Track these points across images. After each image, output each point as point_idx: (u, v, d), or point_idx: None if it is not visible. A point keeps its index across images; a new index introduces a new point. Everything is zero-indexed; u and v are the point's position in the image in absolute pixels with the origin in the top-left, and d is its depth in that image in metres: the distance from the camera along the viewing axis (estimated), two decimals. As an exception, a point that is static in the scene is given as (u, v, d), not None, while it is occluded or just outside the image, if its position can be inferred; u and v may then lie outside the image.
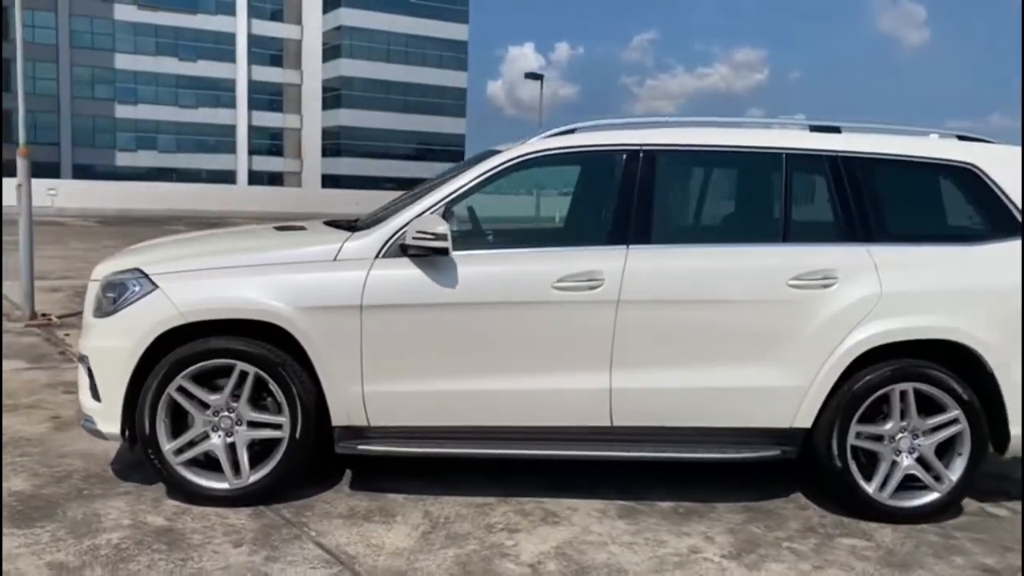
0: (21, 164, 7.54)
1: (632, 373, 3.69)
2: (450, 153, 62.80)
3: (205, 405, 3.62)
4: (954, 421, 3.76)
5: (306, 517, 3.58)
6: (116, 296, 3.65)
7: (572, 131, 3.95)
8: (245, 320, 3.59)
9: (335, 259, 3.65)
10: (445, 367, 3.66)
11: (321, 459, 3.90)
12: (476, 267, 3.67)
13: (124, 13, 62.62)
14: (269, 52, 67.45)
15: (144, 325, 3.56)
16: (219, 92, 66.26)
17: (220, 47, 65.65)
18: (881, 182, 3.91)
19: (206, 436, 3.65)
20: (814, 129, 4.02)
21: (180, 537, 3.33)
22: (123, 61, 62.86)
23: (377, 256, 3.65)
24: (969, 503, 4.05)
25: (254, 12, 66.13)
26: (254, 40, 66.50)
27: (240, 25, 65.85)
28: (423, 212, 3.68)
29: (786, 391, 3.71)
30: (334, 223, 4.28)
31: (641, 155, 3.83)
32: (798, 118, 4.37)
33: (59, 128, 60.75)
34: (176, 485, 3.64)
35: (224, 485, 3.64)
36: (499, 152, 3.90)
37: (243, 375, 3.60)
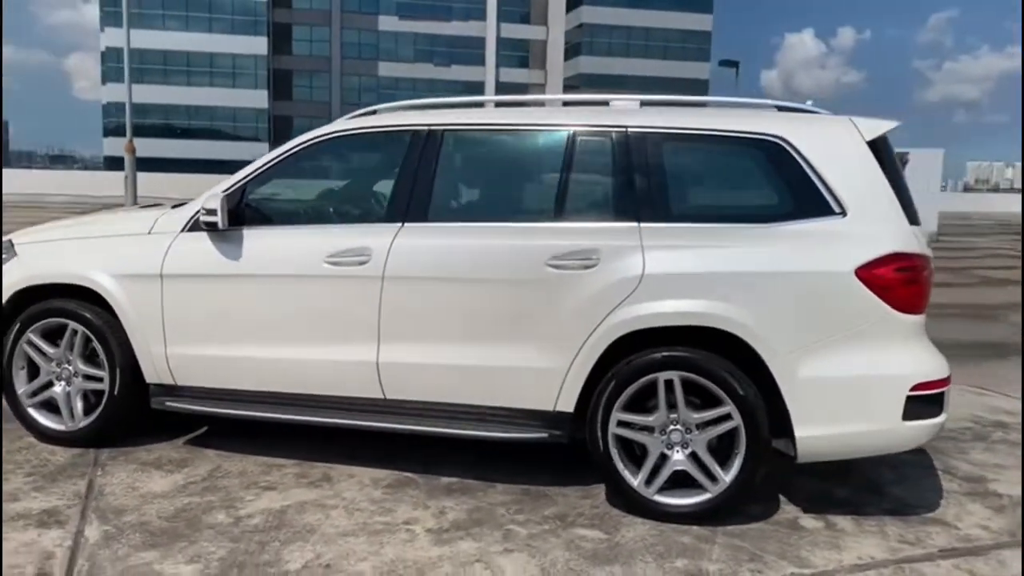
0: (128, 159, 8.78)
1: (398, 348, 3.77)
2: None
3: (49, 358, 4.20)
4: (727, 417, 3.45)
5: (113, 461, 4.05)
6: (-5, 261, 4.33)
7: (374, 112, 4.08)
8: (78, 285, 4.12)
9: (148, 233, 4.08)
10: (232, 334, 3.96)
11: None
12: (260, 241, 3.93)
13: (387, 24, 67.93)
14: (516, 54, 70.02)
15: (4, 285, 4.21)
16: (471, 95, 69.84)
17: (471, 51, 69.16)
18: (670, 158, 3.65)
19: (51, 384, 4.23)
20: (644, 105, 3.83)
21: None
22: (385, 68, 68.23)
23: (182, 230, 4.02)
24: (788, 509, 3.69)
25: (504, 16, 69.04)
26: (503, 43, 69.42)
27: (490, 29, 69.02)
28: (222, 190, 3.99)
29: (546, 373, 3.61)
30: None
31: (426, 135, 3.88)
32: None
33: (330, 131, 66.87)
34: (27, 424, 4.26)
35: (62, 427, 4.21)
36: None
37: (74, 333, 4.14)
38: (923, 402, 3.40)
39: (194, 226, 4.00)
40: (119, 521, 3.38)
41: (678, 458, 3.54)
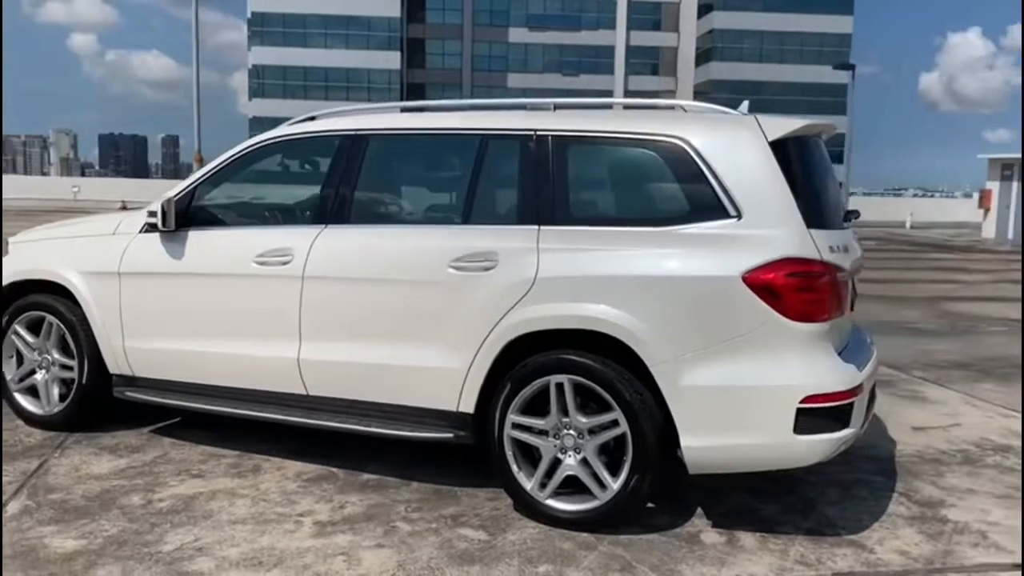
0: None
1: (316, 345, 3.90)
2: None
3: (32, 347, 4.59)
4: (615, 423, 3.39)
5: (77, 444, 4.38)
6: (-2, 258, 4.77)
7: (312, 118, 4.24)
8: (52, 281, 4.49)
9: (113, 233, 4.39)
10: (178, 329, 4.21)
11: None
12: (201, 242, 4.16)
13: (517, 36, 68.85)
14: (646, 62, 69.46)
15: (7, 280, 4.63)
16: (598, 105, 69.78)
17: (600, 60, 69.19)
18: (573, 161, 3.61)
19: (33, 371, 4.62)
20: (557, 108, 3.83)
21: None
22: (514, 80, 69.14)
23: (139, 232, 4.31)
24: (697, 523, 3.58)
25: (634, 24, 68.61)
26: (632, 51, 69.03)
27: (619, 38, 68.82)
28: (172, 195, 4.25)
29: (449, 374, 3.64)
30: None
31: (351, 140, 4.00)
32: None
33: (460, 142, 68.22)
34: (14, 407, 4.66)
35: (40, 411, 4.59)
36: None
37: (50, 325, 4.50)
38: (818, 415, 3.22)
39: (150, 228, 4.27)
40: (43, 498, 3.66)
41: (570, 463, 3.50)
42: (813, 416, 3.21)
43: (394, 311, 3.74)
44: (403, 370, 3.73)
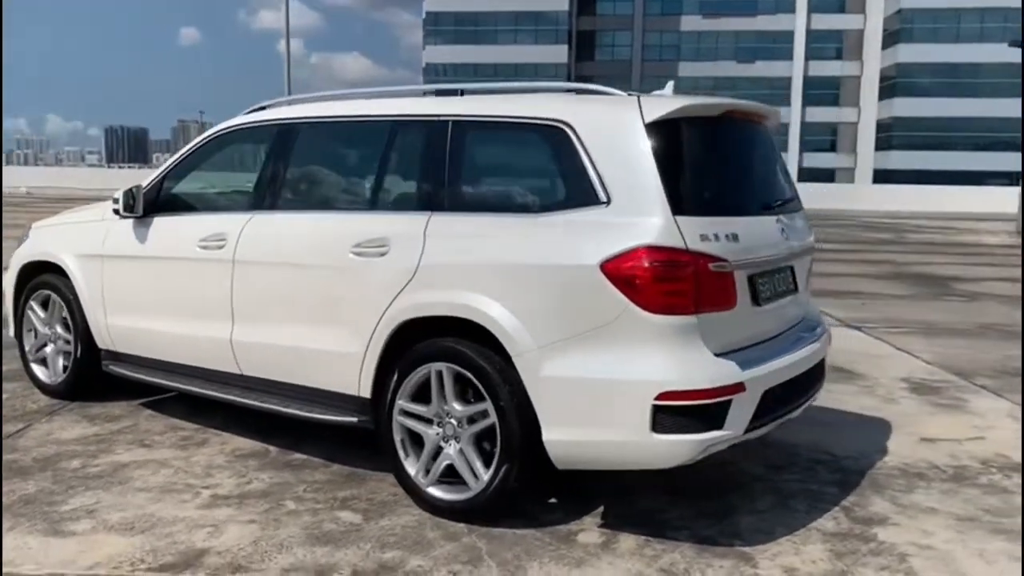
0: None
1: (245, 327, 4.07)
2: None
3: (44, 322, 5.06)
4: (486, 413, 3.32)
5: (68, 411, 4.79)
6: (21, 241, 5.30)
7: (263, 108, 4.40)
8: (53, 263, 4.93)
9: (102, 219, 4.76)
10: (143, 308, 4.51)
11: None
12: (162, 227, 4.44)
13: (690, 24, 67.33)
14: (828, 45, 65.93)
15: (16, 262, 5.15)
16: (774, 91, 67.04)
17: (777, 46, 66.43)
18: (465, 147, 3.55)
19: (45, 344, 5.09)
20: (439, 93, 3.81)
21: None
22: (686, 69, 67.66)
23: (120, 218, 4.65)
24: (587, 521, 3.45)
25: (815, 7, 65.24)
26: (813, 35, 65.73)
27: (799, 21, 65.71)
28: (143, 184, 4.55)
29: (350, 358, 3.69)
30: None
31: (285, 129, 4.14)
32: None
33: (629, 134, 67.49)
34: (30, 376, 5.15)
35: (48, 381, 5.05)
36: None
37: (54, 302, 4.95)
38: (678, 414, 3.01)
39: (127, 214, 4.59)
40: (5, 458, 4.04)
41: (450, 451, 3.46)
42: (673, 414, 3.01)
43: (306, 295, 3.84)
44: (315, 353, 3.82)
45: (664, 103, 3.23)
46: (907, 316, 8.72)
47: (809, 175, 62.81)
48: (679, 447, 3.04)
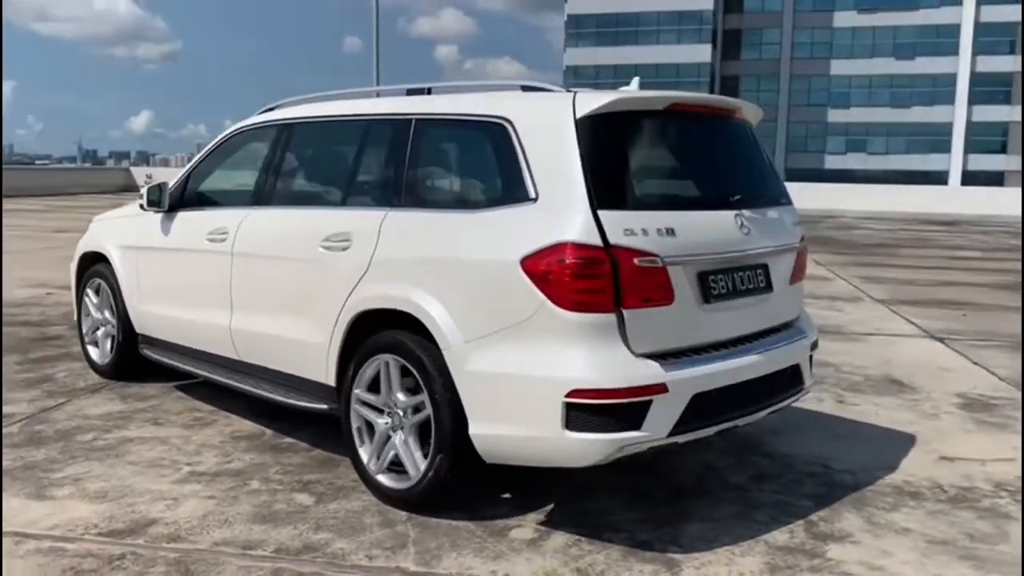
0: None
1: (240, 315, 4.32)
2: None
3: (97, 308, 5.53)
4: (424, 404, 3.40)
5: (108, 390, 5.21)
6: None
7: (273, 108, 4.64)
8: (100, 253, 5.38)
9: (139, 214, 5.15)
10: (165, 295, 4.86)
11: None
12: (180, 222, 4.76)
13: (843, 20, 64.44)
14: (999, 39, 61.44)
15: (77, 252, 5.64)
16: (936, 89, 63.22)
17: (940, 41, 62.54)
18: (421, 144, 3.64)
19: (97, 328, 5.56)
20: (410, 92, 3.91)
21: (47, 379, 5.33)
22: (838, 67, 64.85)
23: (153, 213, 5.02)
24: (530, 517, 3.46)
25: (984, -1, 60.92)
26: (982, 28, 61.40)
27: (967, 14, 61.54)
28: (171, 182, 4.90)
29: (318, 347, 3.85)
30: None
31: (281, 129, 4.36)
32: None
33: (775, 135, 65.67)
34: (86, 356, 5.64)
35: (99, 362, 5.51)
36: None
37: (104, 290, 5.40)
38: (591, 412, 2.98)
39: (169, 209, 4.94)
40: (31, 428, 4.46)
41: (395, 441, 3.55)
42: (585, 412, 2.98)
43: (286, 286, 4.03)
44: (292, 342, 4.01)
45: (598, 97, 3.19)
46: (1004, 329, 8.07)
47: (974, 178, 58.69)
48: (592, 446, 3.00)
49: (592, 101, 3.17)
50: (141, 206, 4.83)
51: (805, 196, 33.54)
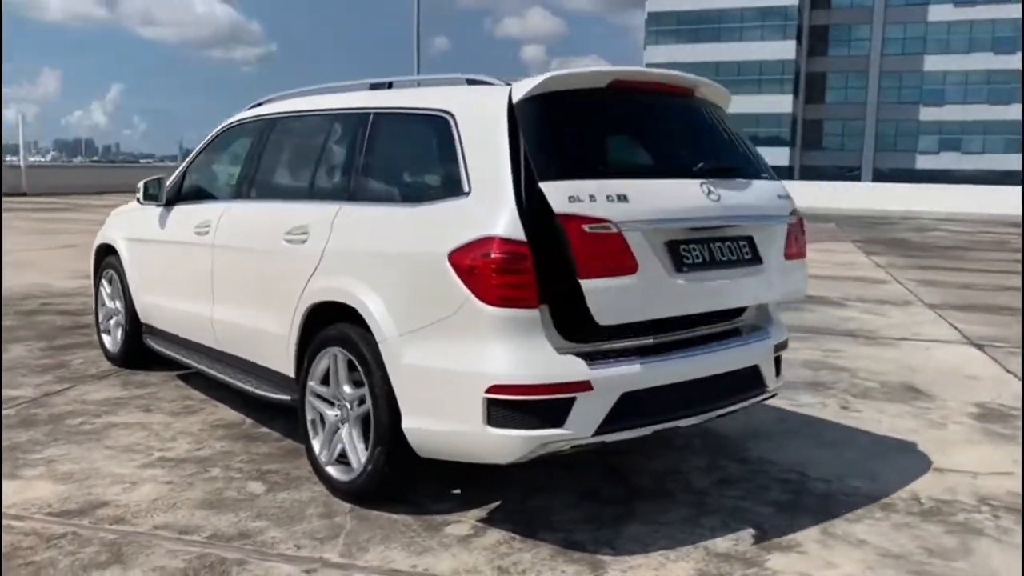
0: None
1: (219, 306, 4.43)
2: None
3: (111, 298, 5.74)
4: (365, 398, 3.42)
5: (116, 377, 5.40)
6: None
7: (259, 104, 4.73)
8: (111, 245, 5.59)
9: (142, 208, 5.32)
10: (160, 285, 5.02)
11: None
12: (174, 215, 4.91)
13: (939, 14, 62.01)
14: (1108, 32, 58.03)
15: (94, 244, 5.87)
16: (1034, 84, 60.10)
17: (1043, 34, 59.39)
18: (374, 139, 3.67)
19: (111, 317, 5.77)
20: (373, 87, 3.93)
21: (63, 365, 5.56)
22: (932, 63, 62.43)
23: (155, 206, 5.19)
24: (470, 514, 3.45)
25: (1095, -12, 57.61)
26: (1089, 20, 58.10)
27: (1073, 6, 58.29)
28: (170, 177, 5.06)
29: (279, 339, 3.91)
30: None
31: (261, 124, 4.46)
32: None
33: (863, 134, 63.59)
34: (100, 345, 5.88)
35: (111, 350, 5.73)
36: None
37: (114, 280, 5.61)
38: (510, 408, 2.94)
39: (167, 203, 5.10)
40: (27, 412, 4.66)
41: (343, 433, 3.58)
42: (505, 408, 2.94)
43: (256, 278, 4.12)
44: (260, 332, 4.08)
45: (532, 81, 3.14)
46: (1056, 336, 7.61)
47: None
48: (513, 442, 2.96)
49: (526, 86, 3.12)
50: (137, 200, 4.99)
51: (889, 197, 32.37)
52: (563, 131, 3.14)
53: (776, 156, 58.34)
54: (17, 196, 27.53)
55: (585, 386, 2.95)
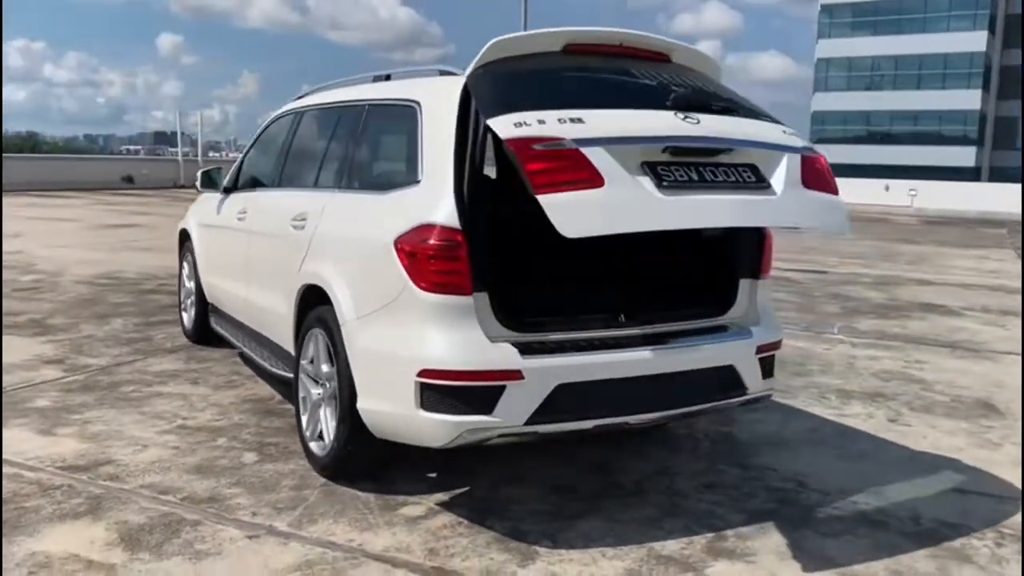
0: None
1: (251, 287, 4.72)
2: None
3: (188, 279, 6.21)
4: (331, 377, 3.57)
5: (184, 352, 5.83)
6: (190, 214, 6.52)
7: (301, 97, 4.98)
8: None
9: (213, 196, 5.73)
10: (217, 268, 5.39)
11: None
12: (227, 203, 5.26)
13: None
14: None
15: (179, 228, 6.37)
16: None
17: None
18: (366, 129, 3.84)
19: (189, 297, 6.23)
20: (375, 79, 4.07)
21: (146, 339, 6.08)
22: None
23: (221, 193, 5.58)
24: (435, 497, 3.53)
25: None
26: None
27: None
28: (234, 166, 5.42)
29: (284, 318, 4.12)
30: None
31: (291, 116, 4.72)
32: None
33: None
34: (180, 322, 6.36)
35: (188, 326, 6.19)
36: None
37: (191, 263, 6.07)
38: (441, 393, 2.99)
39: (225, 191, 5.49)
40: (91, 379, 5.14)
41: (323, 411, 3.74)
42: (436, 393, 2.99)
43: (271, 260, 4.36)
44: (274, 313, 4.32)
45: (480, 52, 3.12)
46: None
47: None
48: (442, 427, 3.00)
49: (475, 60, 3.11)
50: (196, 187, 5.38)
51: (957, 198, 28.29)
52: (514, 81, 3.07)
53: (959, 156, 54.24)
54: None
55: (516, 375, 2.95)
